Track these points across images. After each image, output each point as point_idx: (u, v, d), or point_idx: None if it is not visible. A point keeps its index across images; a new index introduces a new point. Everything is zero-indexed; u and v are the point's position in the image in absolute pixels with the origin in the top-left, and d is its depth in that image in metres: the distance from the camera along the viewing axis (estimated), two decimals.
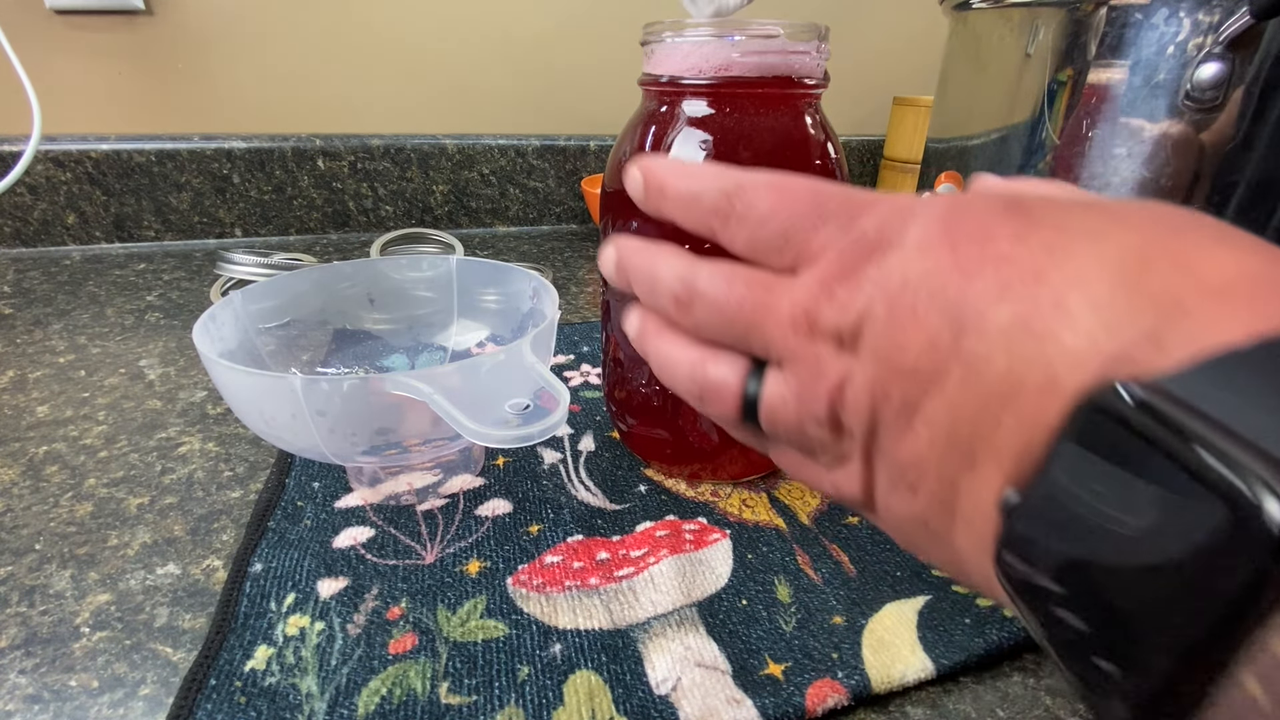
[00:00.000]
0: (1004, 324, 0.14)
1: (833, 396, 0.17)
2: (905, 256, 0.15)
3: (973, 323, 0.14)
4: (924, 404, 0.15)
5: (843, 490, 0.18)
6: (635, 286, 0.21)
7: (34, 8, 0.58)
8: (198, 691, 0.22)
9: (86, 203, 0.64)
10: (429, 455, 0.30)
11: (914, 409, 0.15)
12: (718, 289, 0.18)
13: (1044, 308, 0.13)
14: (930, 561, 0.18)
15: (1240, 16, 0.32)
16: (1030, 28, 0.41)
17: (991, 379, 0.14)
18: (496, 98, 0.71)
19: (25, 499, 0.31)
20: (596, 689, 0.22)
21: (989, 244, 0.14)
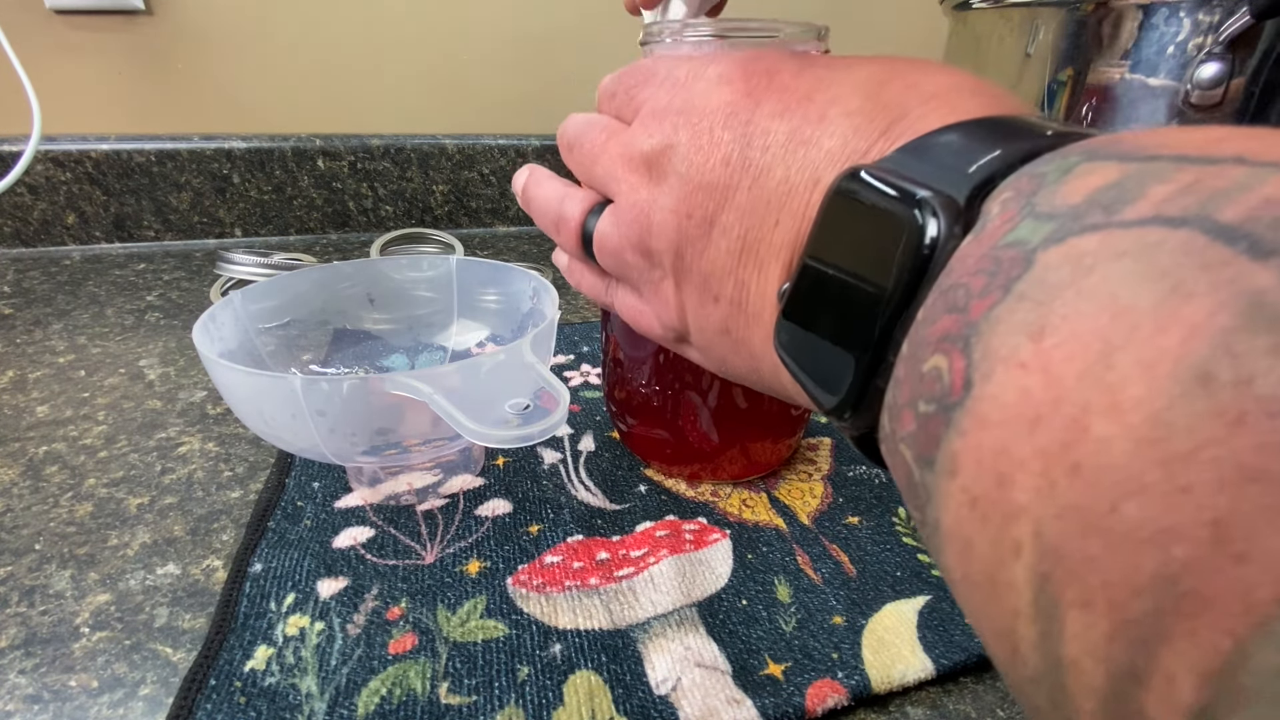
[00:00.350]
0: (781, 137, 0.17)
1: (642, 222, 0.20)
2: (706, 89, 0.18)
3: (758, 139, 0.17)
4: (720, 216, 0.18)
5: (664, 318, 0.21)
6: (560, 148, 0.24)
7: (34, 8, 0.58)
8: (197, 691, 0.22)
9: (86, 203, 0.64)
10: (429, 455, 0.30)
11: (712, 221, 0.18)
12: (587, 133, 0.22)
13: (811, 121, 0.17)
14: (738, 376, 0.21)
15: (1240, 16, 0.32)
16: (1030, 28, 0.41)
17: (771, 185, 0.17)
18: (496, 98, 0.71)
19: (25, 499, 0.31)
20: (596, 689, 0.22)
21: (775, 78, 0.18)
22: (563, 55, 0.71)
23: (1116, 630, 0.08)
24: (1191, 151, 0.10)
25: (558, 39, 0.70)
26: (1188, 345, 0.08)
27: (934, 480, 0.11)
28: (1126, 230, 0.09)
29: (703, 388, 0.30)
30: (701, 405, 0.30)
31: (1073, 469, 0.09)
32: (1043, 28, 0.40)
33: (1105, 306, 0.09)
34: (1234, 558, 0.07)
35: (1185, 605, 0.08)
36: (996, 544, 0.10)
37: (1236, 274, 0.08)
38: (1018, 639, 0.10)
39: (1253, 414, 0.07)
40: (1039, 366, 0.10)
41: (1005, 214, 0.12)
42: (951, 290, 0.12)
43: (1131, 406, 0.08)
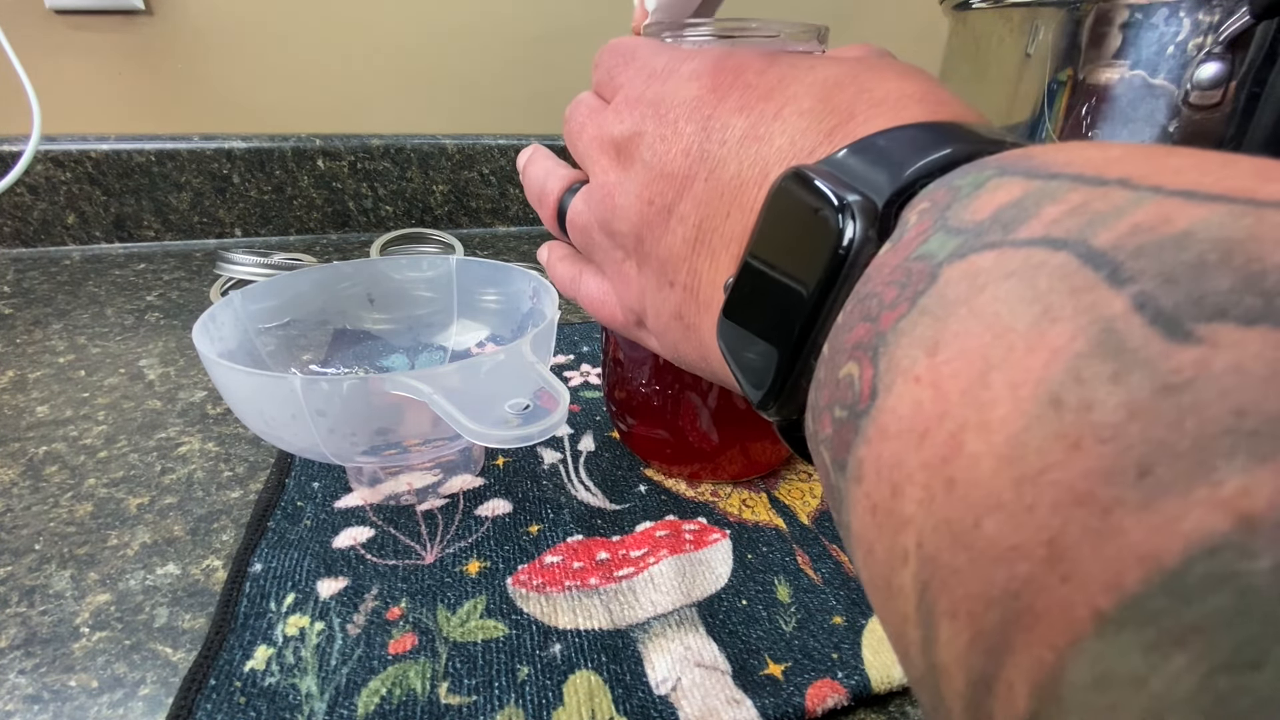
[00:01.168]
0: (739, 132, 0.17)
1: (608, 204, 0.21)
2: (677, 82, 0.19)
3: (717, 133, 0.18)
4: (678, 205, 0.19)
5: (625, 299, 0.22)
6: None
7: (34, 8, 0.58)
8: (197, 691, 0.22)
9: (86, 203, 0.64)
10: (429, 455, 0.30)
11: (670, 209, 0.19)
12: (575, 110, 0.23)
13: (767, 118, 0.17)
14: (690, 364, 0.21)
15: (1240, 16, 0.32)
16: (1030, 28, 0.41)
17: (725, 178, 0.18)
18: (496, 98, 0.71)
19: (25, 499, 0.31)
20: (596, 689, 0.22)
21: (741, 75, 0.18)
22: (563, 56, 0.71)
23: (974, 640, 0.09)
24: (1088, 171, 0.10)
25: (558, 39, 0.70)
26: (1048, 369, 0.08)
27: (845, 485, 0.12)
28: (1017, 250, 0.10)
29: (703, 388, 0.30)
30: (701, 405, 0.30)
31: (948, 483, 0.09)
32: (1043, 28, 0.40)
33: (990, 325, 0.09)
34: (1061, 577, 0.08)
35: (1024, 619, 0.08)
36: (890, 551, 0.10)
37: (1095, 300, 0.08)
38: (907, 642, 0.10)
39: (1088, 439, 0.08)
40: (930, 381, 0.10)
41: (920, 225, 0.12)
42: (867, 299, 0.12)
43: (998, 426, 0.09)
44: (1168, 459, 0.07)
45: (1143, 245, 0.08)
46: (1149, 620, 0.07)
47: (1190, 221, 0.08)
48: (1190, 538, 0.07)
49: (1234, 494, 0.06)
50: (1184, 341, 0.07)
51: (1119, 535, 0.07)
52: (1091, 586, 0.07)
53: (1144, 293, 0.08)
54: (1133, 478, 0.07)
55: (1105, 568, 0.07)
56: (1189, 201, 0.09)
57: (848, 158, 0.15)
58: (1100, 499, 0.07)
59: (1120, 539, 0.07)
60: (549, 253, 0.28)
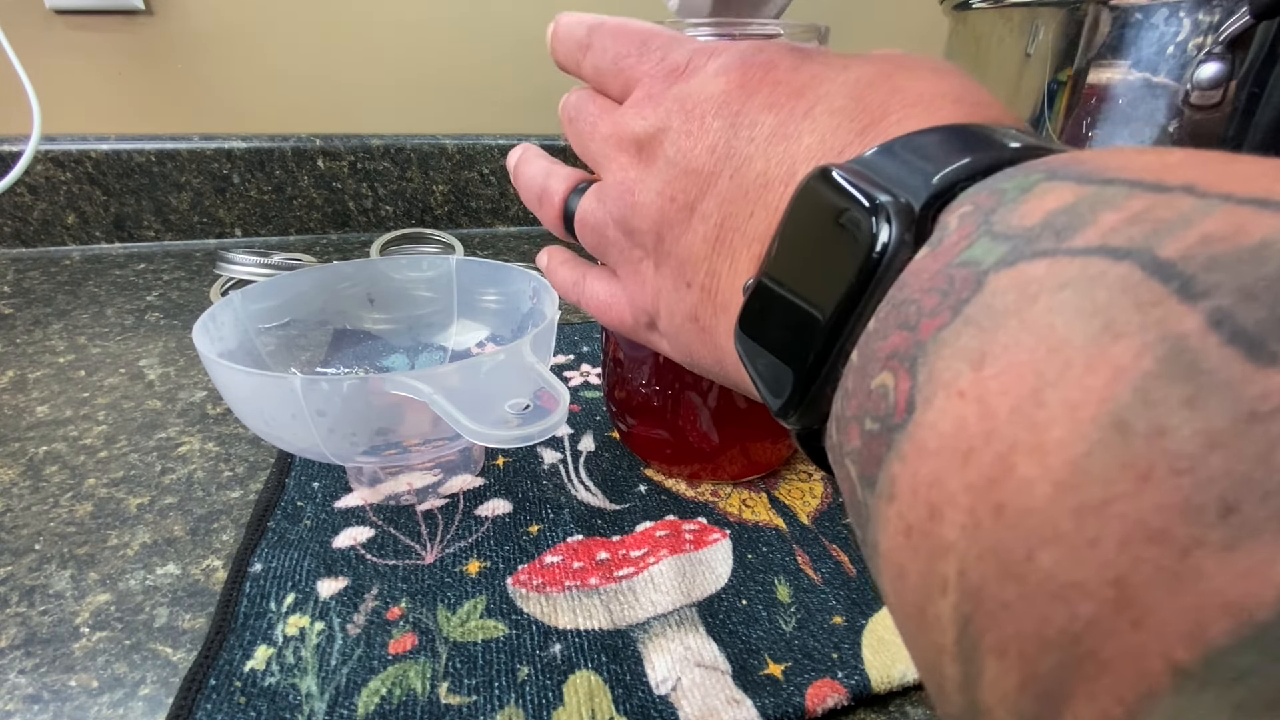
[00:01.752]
0: (767, 130, 0.17)
1: (627, 199, 0.20)
2: (704, 79, 0.19)
3: (745, 130, 0.17)
4: (700, 203, 0.18)
5: (638, 300, 0.22)
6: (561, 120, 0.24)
7: (34, 8, 0.58)
8: (197, 691, 0.22)
9: (86, 203, 0.64)
10: (429, 455, 0.30)
11: (693, 207, 0.18)
12: (584, 109, 0.22)
13: (797, 116, 0.17)
14: (703, 368, 0.21)
15: (1240, 16, 0.32)
16: (1030, 28, 0.41)
17: (751, 177, 0.17)
18: (496, 98, 0.71)
19: (25, 499, 0.31)
20: (596, 689, 0.22)
21: (771, 72, 0.18)
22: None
23: (1026, 683, 0.08)
24: (1146, 177, 0.10)
25: None
26: (1111, 389, 0.08)
27: (874, 502, 0.11)
28: (1073, 259, 0.09)
29: (703, 388, 0.30)
30: (701, 405, 0.30)
31: (997, 509, 0.09)
32: (1043, 28, 0.40)
33: (1043, 339, 0.09)
34: (1131, 622, 0.07)
35: (1087, 666, 0.07)
36: (926, 577, 0.10)
37: (1164, 315, 0.08)
38: (943, 677, 0.10)
39: (1160, 470, 0.07)
40: (976, 396, 0.09)
41: (963, 229, 0.11)
42: (904, 305, 0.12)
43: (1054, 449, 0.08)
44: (1255, 496, 0.06)
45: (1216, 257, 0.08)
46: (1237, 679, 0.06)
47: (1267, 232, 0.08)
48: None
49: None
50: (1270, 365, 0.07)
51: (1200, 580, 0.06)
52: (1168, 635, 0.07)
53: (1220, 309, 0.07)
54: (1214, 516, 0.06)
55: (1184, 616, 0.06)
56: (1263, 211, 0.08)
57: (879, 157, 0.14)
58: (1178, 538, 0.07)
59: (1202, 584, 0.06)
60: (549, 258, 0.27)
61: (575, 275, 0.25)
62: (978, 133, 0.14)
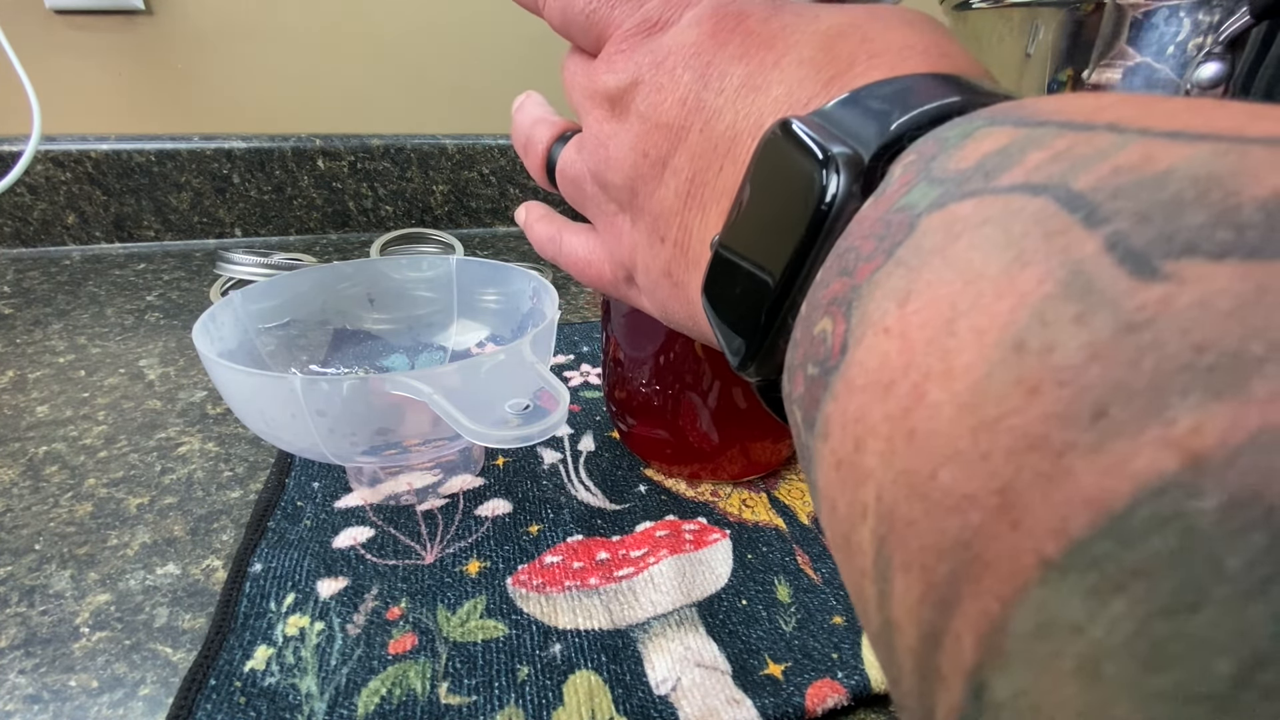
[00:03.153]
0: (736, 81, 0.17)
1: (601, 154, 0.20)
2: (677, 31, 0.18)
3: (714, 81, 0.17)
4: (672, 157, 0.18)
5: (616, 254, 0.22)
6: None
7: (34, 8, 0.58)
8: (197, 691, 0.22)
9: (86, 203, 0.64)
10: (429, 455, 0.30)
11: (665, 162, 0.18)
12: (567, 62, 0.23)
13: (765, 67, 0.16)
14: (678, 324, 0.21)
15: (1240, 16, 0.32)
16: (1030, 28, 0.41)
17: (720, 130, 0.17)
18: (496, 98, 0.71)
19: (25, 499, 0.31)
20: (596, 689, 0.22)
21: (743, 22, 0.17)
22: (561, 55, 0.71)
23: (926, 593, 0.08)
24: (1077, 118, 0.10)
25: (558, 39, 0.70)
26: (1014, 313, 0.08)
27: (813, 442, 0.12)
28: (996, 197, 0.09)
29: (703, 388, 0.30)
30: (701, 405, 0.30)
31: (909, 434, 0.09)
32: (1043, 28, 0.40)
33: (961, 273, 0.09)
34: (1010, 524, 0.07)
35: (973, 570, 0.08)
36: (851, 506, 0.10)
37: (1069, 243, 0.08)
38: (865, 599, 0.10)
39: (1047, 383, 0.07)
40: (898, 332, 0.10)
41: (904, 177, 0.12)
42: (845, 254, 0.12)
43: (960, 373, 0.08)
44: (1123, 399, 0.07)
45: (1121, 186, 0.08)
46: (1092, 566, 0.06)
47: (1173, 161, 0.08)
48: (1138, 479, 0.06)
49: (1185, 433, 0.06)
50: (1150, 279, 0.07)
51: (1069, 479, 0.07)
52: (1039, 532, 0.07)
53: (1117, 232, 0.08)
54: (1087, 420, 0.07)
55: (1053, 513, 0.07)
56: (1174, 141, 0.08)
57: (838, 109, 0.14)
58: (1053, 443, 0.07)
59: (1070, 483, 0.07)
60: (526, 213, 0.27)
61: (552, 230, 0.25)
62: (935, 81, 0.14)
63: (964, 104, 0.13)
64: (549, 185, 0.24)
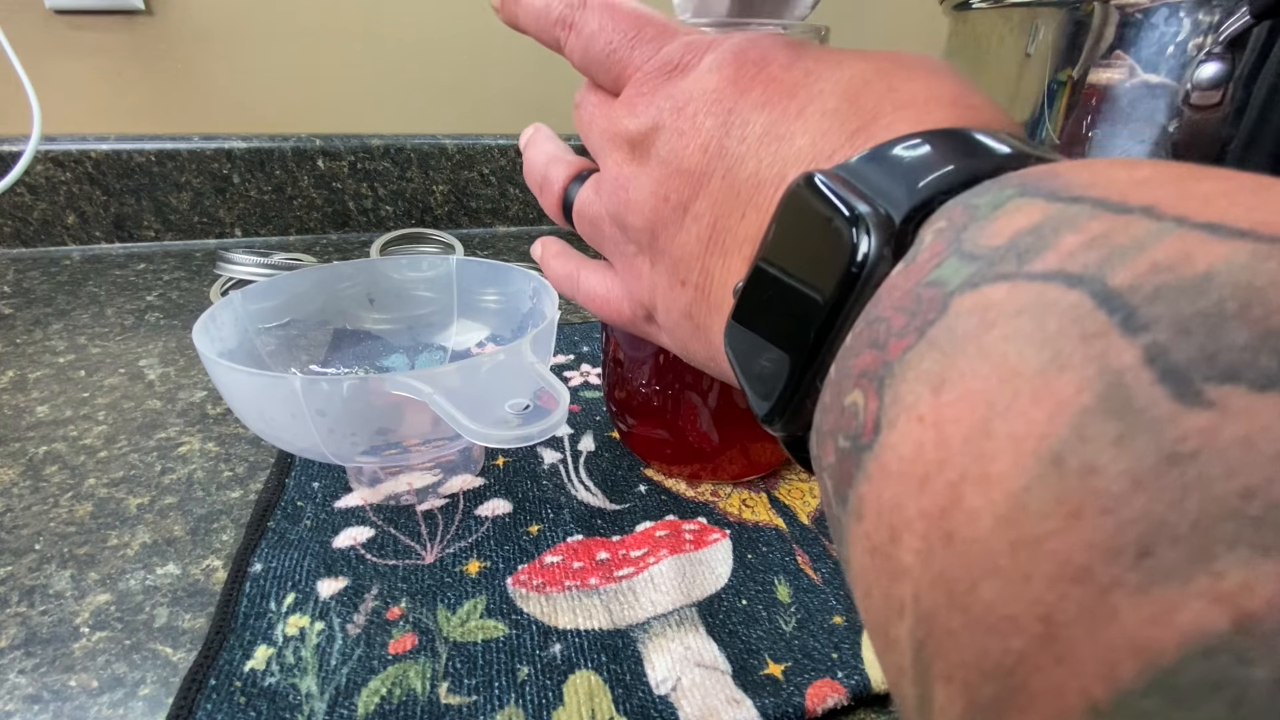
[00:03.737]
0: (759, 129, 0.17)
1: (620, 196, 0.20)
2: (698, 76, 0.18)
3: (736, 128, 0.17)
4: (693, 203, 0.18)
5: (636, 294, 0.22)
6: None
7: (34, 8, 0.58)
8: (197, 691, 0.22)
9: (86, 203, 0.64)
10: (429, 455, 0.30)
11: (686, 207, 0.18)
12: (585, 99, 0.22)
13: (789, 116, 0.16)
14: (699, 363, 0.21)
15: (1240, 16, 0.32)
16: (1030, 28, 0.41)
17: (743, 177, 0.17)
18: (496, 98, 0.71)
19: (25, 499, 0.31)
20: (596, 689, 0.22)
21: (765, 68, 0.17)
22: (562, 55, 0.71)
23: (968, 711, 0.08)
24: (1112, 196, 0.09)
25: None
26: (1052, 423, 0.08)
27: (845, 519, 0.11)
28: (1030, 284, 0.09)
29: (703, 388, 0.30)
30: (701, 405, 0.30)
31: (947, 537, 0.09)
32: (1043, 28, 0.40)
33: (997, 368, 0.09)
34: (1055, 658, 0.07)
35: (1019, 698, 0.07)
36: (887, 599, 0.10)
37: (1106, 348, 0.08)
38: (903, 696, 0.10)
39: (1089, 508, 0.07)
40: (933, 422, 0.09)
41: (935, 246, 0.11)
42: (875, 323, 0.12)
43: (998, 481, 0.08)
44: (1168, 540, 0.06)
45: (1160, 288, 0.08)
46: (1141, 719, 0.06)
47: (1211, 262, 0.08)
48: (1186, 634, 0.06)
49: (1234, 589, 0.06)
50: (1193, 404, 0.07)
51: (1115, 620, 0.07)
52: (1086, 673, 0.07)
53: (1156, 344, 0.07)
54: (1132, 558, 0.07)
55: (1100, 655, 0.07)
56: (1212, 237, 0.08)
57: (864, 164, 0.14)
58: (1099, 578, 0.07)
59: (1116, 625, 0.07)
60: (543, 249, 0.27)
61: (570, 268, 0.25)
62: (964, 139, 0.13)
63: (995, 165, 0.12)
64: (565, 224, 0.24)
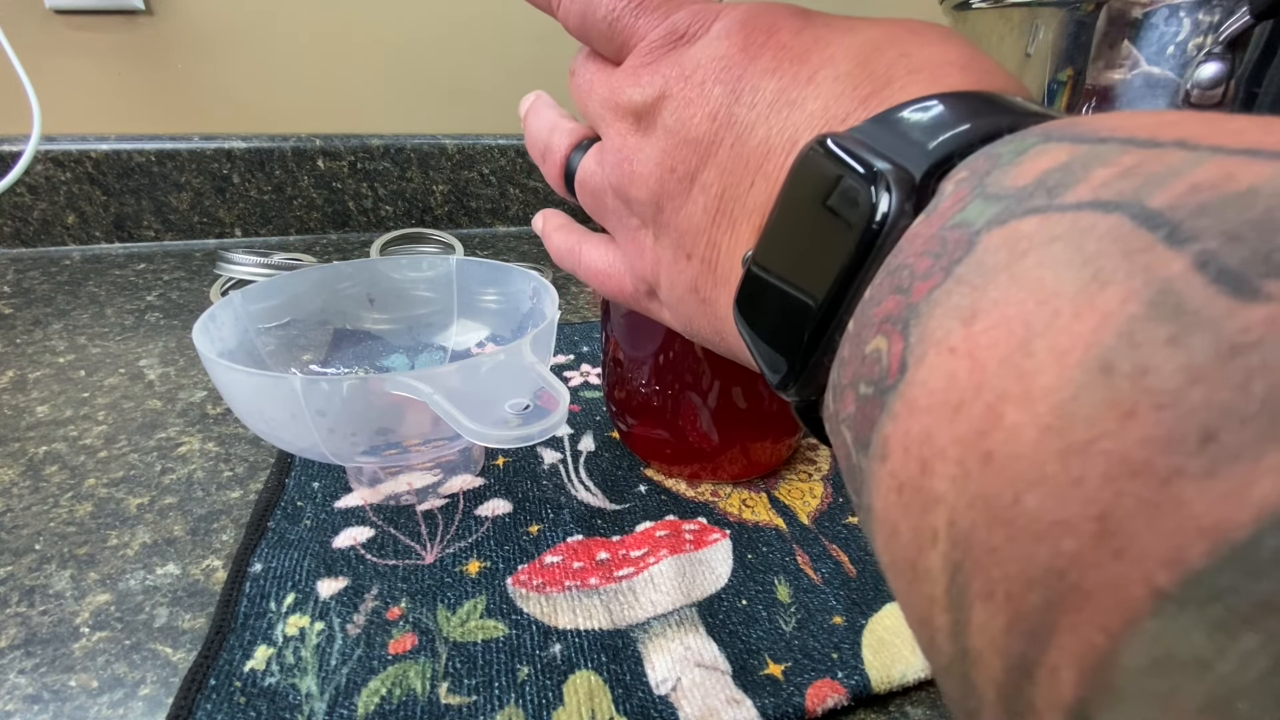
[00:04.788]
0: (769, 96, 0.16)
1: (624, 168, 0.19)
2: (705, 44, 0.18)
3: (746, 95, 0.17)
4: (701, 172, 0.18)
5: (638, 268, 0.21)
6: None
7: (34, 8, 0.58)
8: (197, 691, 0.22)
9: (86, 203, 0.64)
10: (429, 455, 0.30)
11: (693, 178, 0.18)
12: (584, 65, 0.22)
13: (800, 81, 0.16)
14: (702, 338, 0.21)
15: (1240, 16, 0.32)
16: (1030, 28, 0.41)
17: (752, 145, 0.16)
18: (496, 98, 0.71)
19: (25, 499, 0.31)
20: (596, 689, 0.22)
21: (774, 34, 0.17)
22: (564, 55, 0.71)
23: (1012, 623, 0.08)
24: (1140, 134, 0.10)
25: (558, 39, 0.70)
26: (1098, 334, 0.08)
27: (868, 464, 0.11)
28: (1063, 214, 0.09)
29: (703, 388, 0.30)
30: (701, 405, 0.30)
31: (985, 457, 0.09)
32: (1043, 28, 0.40)
33: (1032, 291, 0.09)
34: (1113, 553, 0.07)
35: (1070, 599, 0.08)
36: (917, 531, 0.10)
37: (1151, 261, 0.08)
38: (934, 627, 0.10)
39: (1143, 406, 0.07)
40: (966, 351, 0.10)
41: (957, 194, 0.11)
42: (898, 271, 0.12)
43: (1041, 395, 0.08)
44: (1234, 423, 0.06)
45: (1204, 204, 0.08)
46: (1215, 597, 0.06)
47: (1256, 179, 0.08)
48: (1261, 507, 0.06)
49: None
50: (1251, 299, 0.07)
51: (1180, 507, 0.07)
52: (1149, 562, 0.07)
53: (1206, 250, 0.07)
54: (1195, 445, 0.07)
55: (1165, 542, 0.07)
56: (1253, 160, 0.08)
57: (878, 125, 0.14)
58: (1158, 469, 0.07)
59: (1181, 511, 0.07)
60: (544, 222, 0.26)
61: (571, 241, 0.25)
62: (982, 99, 0.13)
63: (1013, 122, 0.12)
64: (567, 195, 0.24)
